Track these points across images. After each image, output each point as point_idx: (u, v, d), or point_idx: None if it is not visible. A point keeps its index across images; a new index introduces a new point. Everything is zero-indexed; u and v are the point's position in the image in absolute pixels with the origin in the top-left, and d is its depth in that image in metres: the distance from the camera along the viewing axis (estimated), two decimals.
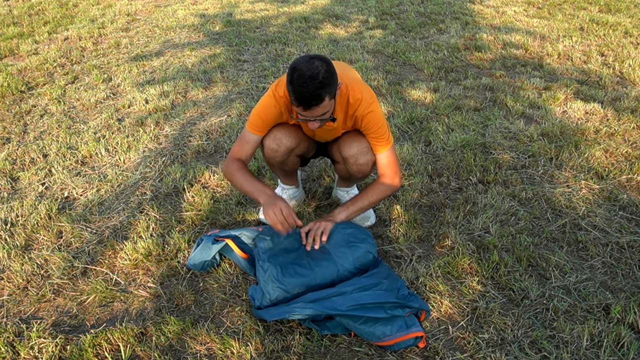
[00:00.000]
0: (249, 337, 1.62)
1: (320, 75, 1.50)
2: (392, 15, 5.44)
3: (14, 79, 3.85)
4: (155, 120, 3.15)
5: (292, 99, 1.56)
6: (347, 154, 1.88)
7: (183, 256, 2.00)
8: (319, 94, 1.51)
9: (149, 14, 5.83)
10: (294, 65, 1.53)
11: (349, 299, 1.58)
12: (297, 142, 1.89)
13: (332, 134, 1.91)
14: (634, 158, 2.61)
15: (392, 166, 1.85)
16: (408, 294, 1.66)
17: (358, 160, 1.87)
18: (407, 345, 1.55)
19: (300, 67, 1.51)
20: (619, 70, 3.79)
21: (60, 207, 2.36)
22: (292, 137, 1.87)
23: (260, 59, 4.20)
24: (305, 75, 1.49)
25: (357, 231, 1.83)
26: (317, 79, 1.49)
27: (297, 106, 1.56)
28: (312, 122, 1.63)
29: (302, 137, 1.93)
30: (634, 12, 5.42)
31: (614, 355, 1.54)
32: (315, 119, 1.61)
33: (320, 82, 1.50)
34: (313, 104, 1.53)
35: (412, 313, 1.61)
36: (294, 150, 1.91)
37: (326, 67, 1.53)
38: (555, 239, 2.07)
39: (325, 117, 1.63)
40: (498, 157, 2.64)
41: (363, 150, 1.85)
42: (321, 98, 1.53)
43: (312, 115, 1.59)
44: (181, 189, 2.44)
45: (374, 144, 1.82)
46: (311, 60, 1.53)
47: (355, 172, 1.93)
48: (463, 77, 3.72)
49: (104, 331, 1.65)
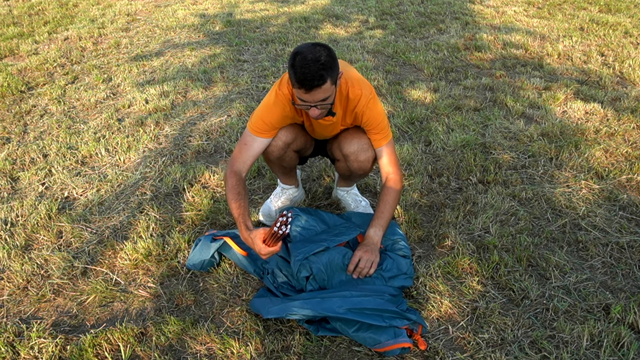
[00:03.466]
0: (249, 337, 1.62)
1: (322, 58, 1.52)
2: (392, 15, 5.44)
3: (14, 79, 3.85)
4: (155, 120, 3.15)
5: (293, 82, 1.55)
6: (347, 150, 1.88)
7: (183, 256, 2.00)
8: (321, 75, 1.52)
9: (149, 14, 5.83)
10: (297, 50, 1.55)
11: (348, 302, 1.58)
12: (293, 137, 1.89)
13: (331, 130, 1.91)
14: (634, 158, 2.61)
15: (394, 162, 1.86)
16: (407, 309, 1.66)
17: (359, 157, 1.88)
18: (393, 354, 1.55)
19: (303, 51, 1.53)
20: (619, 70, 3.79)
21: (60, 207, 2.36)
22: (289, 131, 1.87)
23: (260, 59, 4.20)
24: (307, 58, 1.51)
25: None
26: (319, 60, 1.51)
27: (299, 88, 1.55)
28: (312, 108, 1.61)
29: (299, 132, 1.93)
30: (634, 12, 5.42)
31: (614, 355, 1.54)
32: (316, 104, 1.60)
33: (322, 64, 1.51)
34: (315, 84, 1.53)
35: (409, 326, 1.60)
36: (291, 145, 1.91)
37: (328, 52, 1.55)
38: (555, 239, 2.07)
39: (327, 102, 1.61)
40: (498, 157, 2.64)
41: (363, 147, 1.86)
42: (323, 79, 1.53)
43: (314, 99, 1.57)
44: (181, 189, 2.44)
45: (375, 138, 1.83)
46: (313, 45, 1.55)
47: (356, 169, 1.93)
48: (463, 77, 3.72)
49: (104, 331, 1.65)
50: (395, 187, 1.86)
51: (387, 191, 1.86)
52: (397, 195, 1.86)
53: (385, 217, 1.86)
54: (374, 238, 1.84)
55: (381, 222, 1.86)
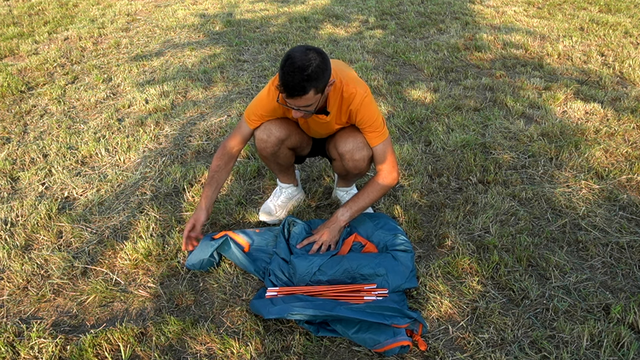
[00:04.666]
0: (249, 337, 1.62)
1: (310, 68, 1.51)
2: (392, 15, 5.44)
3: (14, 79, 3.85)
4: (155, 120, 3.15)
5: (278, 84, 1.57)
6: (342, 149, 1.89)
7: (183, 256, 2.00)
8: (303, 87, 1.53)
9: (149, 14, 5.83)
10: (290, 52, 1.55)
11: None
12: (287, 134, 1.90)
13: (326, 129, 1.91)
14: (634, 158, 2.61)
15: (389, 160, 1.85)
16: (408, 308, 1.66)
17: (354, 155, 1.88)
18: (393, 353, 1.55)
19: (294, 56, 1.52)
20: (619, 70, 3.79)
21: (60, 207, 2.36)
22: (282, 128, 1.88)
23: (260, 59, 4.20)
24: (295, 64, 1.51)
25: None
26: (305, 71, 1.50)
27: (282, 92, 1.58)
28: (295, 110, 1.66)
29: (294, 129, 1.94)
30: (634, 12, 5.42)
31: (614, 355, 1.54)
32: (299, 108, 1.63)
33: (307, 75, 1.51)
34: (295, 94, 1.55)
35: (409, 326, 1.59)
36: (285, 141, 1.92)
37: (319, 61, 1.53)
38: (555, 239, 2.07)
39: (309, 109, 1.64)
40: (498, 157, 2.64)
41: (359, 145, 1.86)
42: (304, 90, 1.54)
43: (295, 104, 1.61)
44: (181, 189, 2.44)
45: (369, 137, 1.83)
46: (307, 52, 1.53)
47: (352, 168, 1.93)
48: (463, 77, 3.72)
49: (104, 331, 1.65)
50: (381, 181, 1.86)
51: (371, 182, 1.89)
52: (380, 188, 1.86)
53: (359, 204, 1.88)
54: (339, 218, 1.89)
55: (353, 205, 1.89)
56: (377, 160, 1.87)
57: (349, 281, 1.75)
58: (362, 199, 1.88)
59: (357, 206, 1.89)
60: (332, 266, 1.76)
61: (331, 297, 1.68)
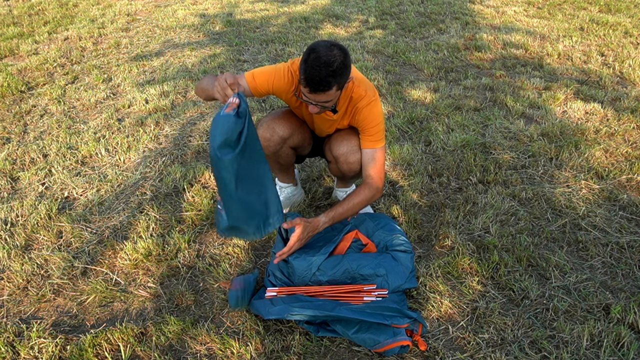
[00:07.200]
0: (249, 337, 1.62)
1: (335, 64, 1.50)
2: (392, 15, 5.44)
3: (14, 79, 3.85)
4: (155, 120, 3.15)
5: (301, 78, 1.56)
6: (337, 152, 1.88)
7: (183, 256, 2.00)
8: (328, 82, 1.52)
9: (149, 14, 5.83)
10: (314, 46, 1.54)
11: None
12: (290, 132, 1.90)
13: (329, 126, 1.91)
14: (634, 158, 2.61)
15: (379, 168, 1.82)
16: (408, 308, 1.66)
17: (348, 158, 1.87)
18: (393, 353, 1.55)
19: (319, 50, 1.51)
20: (619, 70, 3.79)
21: (60, 207, 2.36)
22: (286, 126, 1.88)
23: (260, 59, 4.20)
24: (321, 59, 1.50)
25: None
26: (331, 66, 1.50)
27: (304, 87, 1.56)
28: (313, 105, 1.64)
29: (297, 128, 1.93)
30: (634, 12, 5.42)
31: (614, 355, 1.54)
32: (317, 103, 1.62)
33: (333, 71, 1.50)
34: (320, 89, 1.53)
35: (409, 326, 1.59)
36: (288, 140, 1.91)
37: (343, 57, 1.53)
38: (555, 239, 2.07)
39: (328, 105, 1.64)
40: (498, 157, 2.64)
41: (353, 148, 1.85)
42: (329, 86, 1.53)
43: (316, 99, 1.59)
44: (181, 189, 2.45)
45: (366, 139, 1.80)
46: (331, 47, 1.53)
47: (347, 170, 1.93)
48: (463, 77, 3.72)
49: (104, 331, 1.65)
50: (367, 192, 1.79)
51: (357, 191, 1.80)
52: (365, 199, 1.79)
53: (340, 212, 1.77)
54: (318, 224, 1.76)
55: (334, 214, 1.77)
56: (364, 164, 1.82)
57: (348, 281, 1.75)
58: (345, 208, 1.78)
59: (337, 212, 1.79)
60: (332, 266, 1.76)
61: (331, 298, 1.68)
